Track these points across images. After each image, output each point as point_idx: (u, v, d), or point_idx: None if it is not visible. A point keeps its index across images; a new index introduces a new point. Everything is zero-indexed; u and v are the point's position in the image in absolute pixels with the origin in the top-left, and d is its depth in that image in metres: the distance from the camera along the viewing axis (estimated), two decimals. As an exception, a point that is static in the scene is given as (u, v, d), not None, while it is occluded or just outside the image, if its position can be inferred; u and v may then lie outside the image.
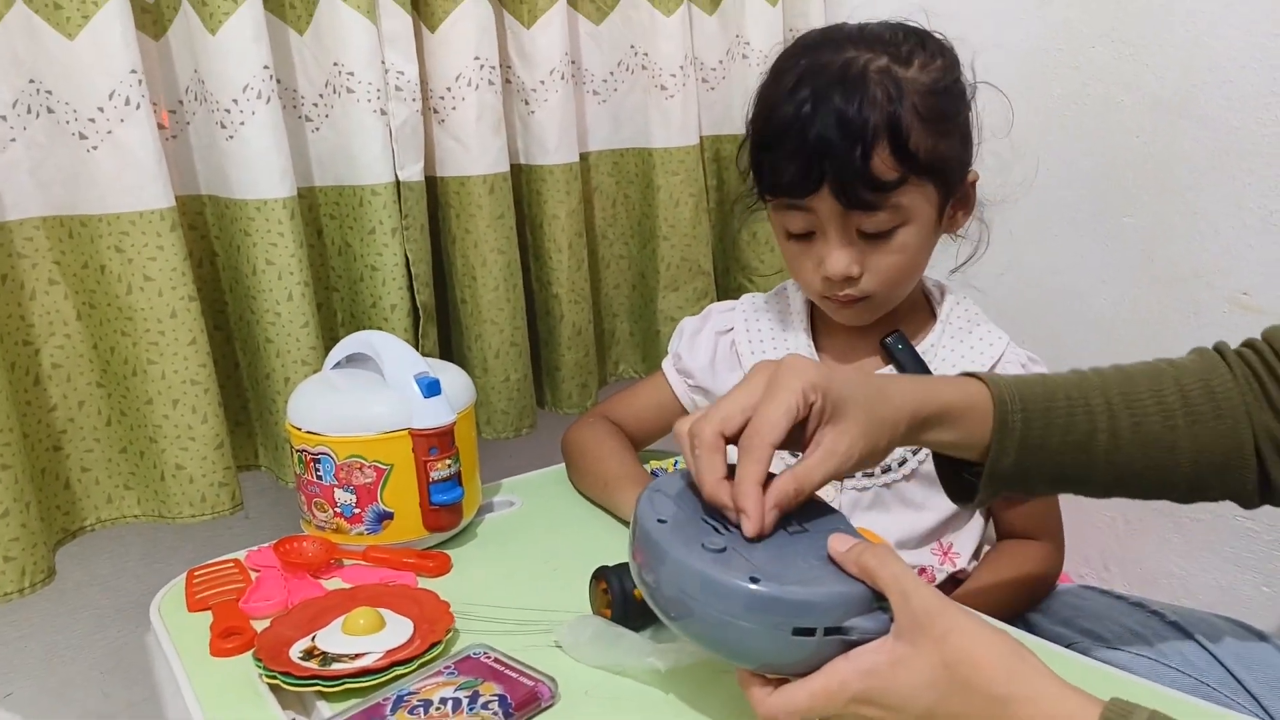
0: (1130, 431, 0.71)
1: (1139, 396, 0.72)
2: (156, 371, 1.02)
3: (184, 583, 0.90)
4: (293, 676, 0.71)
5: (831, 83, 0.89)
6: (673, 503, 0.65)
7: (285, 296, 1.08)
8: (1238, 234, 1.13)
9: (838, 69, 0.89)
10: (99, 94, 0.95)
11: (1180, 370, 0.74)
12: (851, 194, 0.88)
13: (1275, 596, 1.19)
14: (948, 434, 0.70)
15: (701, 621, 0.59)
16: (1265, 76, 1.08)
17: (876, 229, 0.91)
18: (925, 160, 0.89)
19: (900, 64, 0.90)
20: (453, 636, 0.77)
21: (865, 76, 0.89)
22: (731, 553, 0.60)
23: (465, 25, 1.15)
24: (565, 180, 1.27)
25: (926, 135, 0.89)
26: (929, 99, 0.90)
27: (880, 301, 0.96)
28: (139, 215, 0.99)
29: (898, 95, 0.88)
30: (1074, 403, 0.72)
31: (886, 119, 0.87)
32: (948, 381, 0.72)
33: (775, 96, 0.93)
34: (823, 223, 0.92)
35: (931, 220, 0.93)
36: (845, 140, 0.87)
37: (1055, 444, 0.71)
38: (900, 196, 0.89)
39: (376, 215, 1.13)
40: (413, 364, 0.93)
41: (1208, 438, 0.72)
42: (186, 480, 1.05)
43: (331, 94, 1.11)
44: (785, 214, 0.95)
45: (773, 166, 0.93)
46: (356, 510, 0.91)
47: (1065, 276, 1.32)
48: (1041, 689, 0.54)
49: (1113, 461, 0.72)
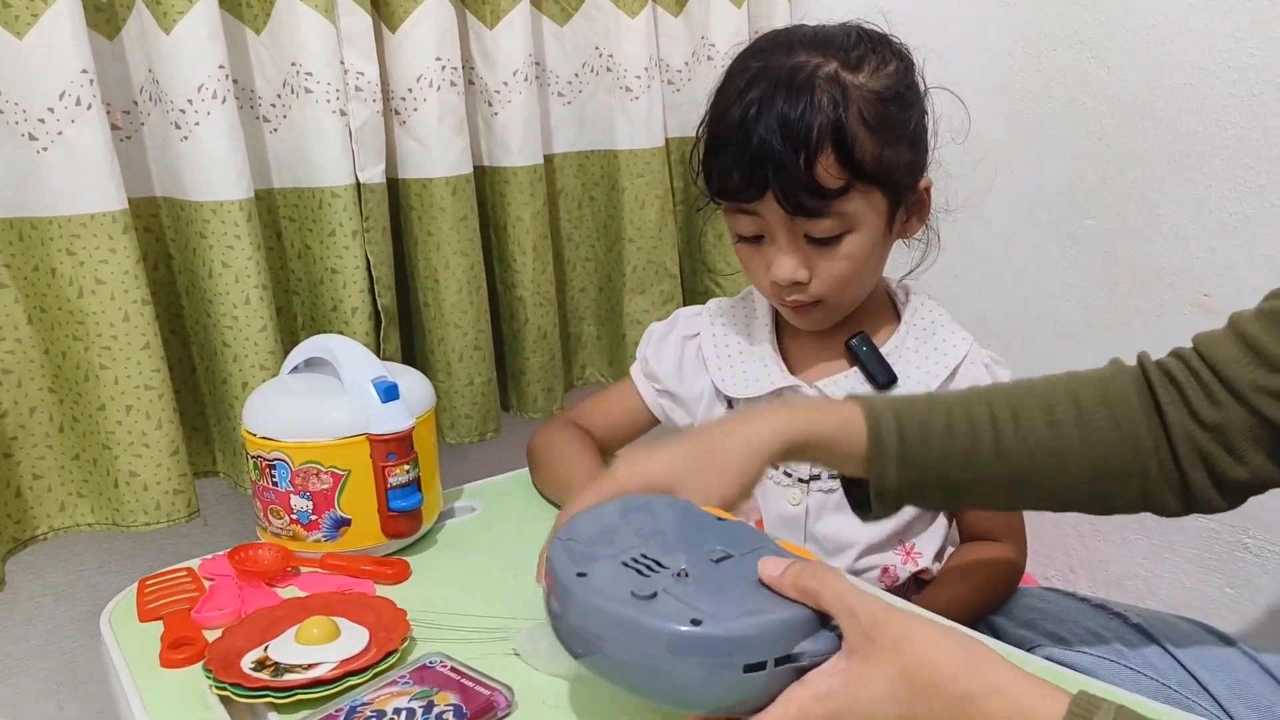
0: (1015, 441, 0.73)
1: (1026, 407, 0.74)
2: (109, 376, 1.00)
3: (135, 592, 0.88)
4: (243, 688, 0.69)
5: (778, 87, 0.88)
6: (584, 552, 0.62)
7: (243, 300, 1.06)
8: (1199, 236, 1.14)
9: (786, 73, 0.89)
10: (49, 94, 0.93)
11: (1079, 381, 0.75)
12: (794, 201, 0.88)
13: (1238, 598, 1.19)
14: (823, 457, 0.74)
15: (645, 673, 0.56)
16: (1225, 80, 1.08)
17: (823, 235, 0.91)
18: (871, 168, 0.89)
19: (850, 69, 0.90)
20: (409, 645, 0.76)
21: (812, 82, 0.88)
22: (664, 596, 0.57)
23: (426, 25, 1.13)
24: (529, 182, 1.26)
25: (873, 143, 0.89)
26: (877, 107, 0.89)
27: (833, 306, 0.96)
28: (90, 217, 0.97)
29: (844, 102, 0.87)
30: (954, 416, 0.74)
31: (831, 126, 0.87)
32: (824, 408, 0.76)
33: (724, 100, 0.92)
34: (770, 227, 0.92)
35: (880, 227, 0.93)
36: (788, 146, 0.86)
37: (935, 457, 0.73)
38: (845, 204, 0.89)
39: (337, 217, 1.11)
40: (370, 368, 0.92)
41: (1103, 446, 0.73)
42: (141, 487, 1.03)
43: (290, 94, 1.09)
44: (735, 218, 0.95)
45: (720, 171, 0.92)
46: (313, 517, 0.90)
47: (1029, 278, 1.32)
48: (1004, 681, 0.54)
49: (999, 473, 0.73)
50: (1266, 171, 1.07)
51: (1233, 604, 1.20)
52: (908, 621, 0.56)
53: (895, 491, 0.74)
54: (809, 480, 0.99)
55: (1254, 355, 0.70)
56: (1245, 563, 1.18)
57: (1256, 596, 1.18)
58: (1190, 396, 0.72)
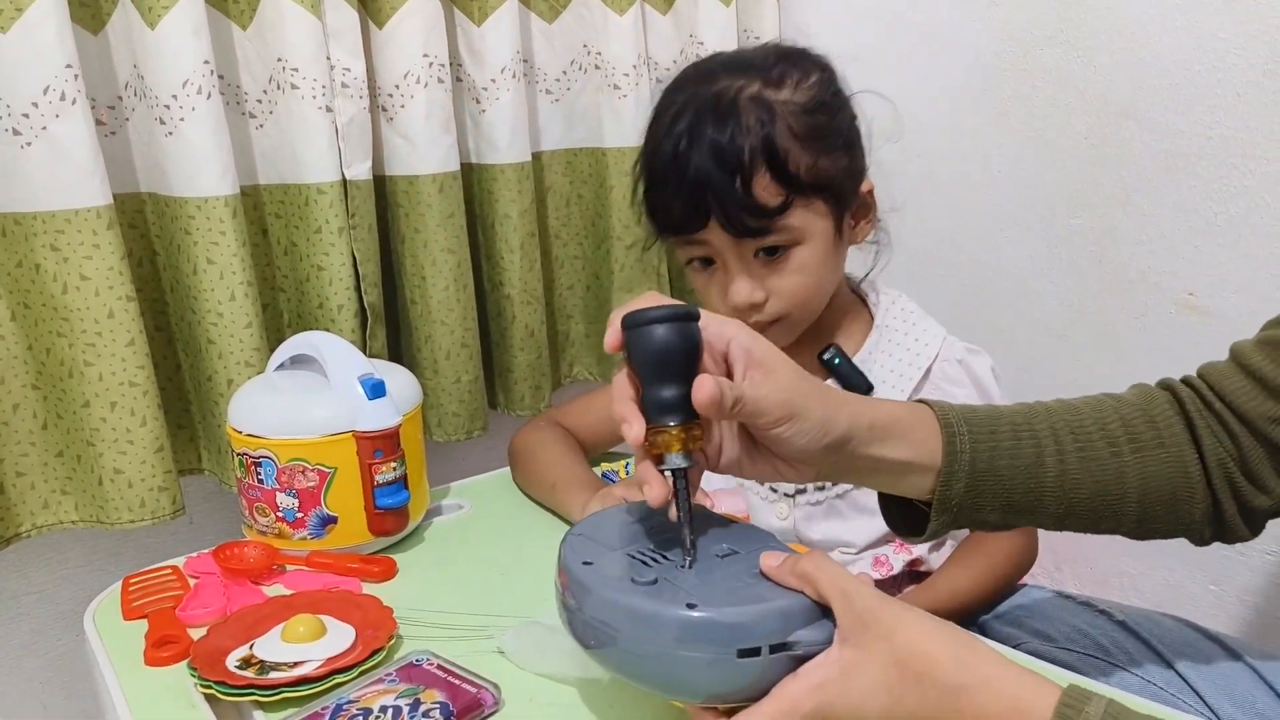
0: (1077, 458, 0.70)
1: (1083, 424, 0.71)
2: (94, 373, 0.99)
3: (120, 591, 0.87)
4: (228, 686, 0.69)
5: (705, 114, 0.89)
6: (595, 543, 0.64)
7: (228, 296, 1.05)
8: (1184, 236, 1.14)
9: (711, 100, 0.90)
10: (33, 89, 0.93)
11: (1120, 402, 0.74)
12: (738, 223, 0.89)
13: (1223, 595, 1.20)
14: (897, 450, 0.67)
15: (642, 660, 0.57)
16: (1210, 80, 1.09)
17: (774, 249, 0.92)
18: (808, 180, 0.90)
19: (772, 87, 0.91)
20: (395, 643, 0.76)
21: (737, 104, 0.89)
22: (663, 583, 0.59)
23: (414, 22, 1.13)
24: (517, 179, 1.25)
25: (806, 154, 0.90)
26: (804, 118, 0.91)
27: (797, 320, 0.96)
28: (75, 213, 0.96)
29: (770, 119, 0.89)
30: (1019, 428, 0.70)
31: (762, 144, 0.88)
32: (892, 401, 0.72)
33: (656, 136, 0.94)
34: (720, 253, 0.93)
35: (829, 235, 0.93)
36: (724, 171, 0.88)
37: (1003, 468, 0.69)
38: (788, 219, 0.90)
39: (322, 214, 1.11)
40: (357, 365, 0.92)
41: (1154, 467, 0.71)
42: (125, 485, 1.02)
43: (276, 90, 1.09)
44: (684, 248, 0.96)
45: (661, 206, 0.94)
46: (299, 514, 0.90)
47: (1015, 277, 1.32)
48: (995, 674, 0.54)
49: (1062, 488, 0.70)
50: (1251, 172, 1.08)
51: (1217, 601, 1.20)
52: (904, 612, 0.56)
53: (958, 505, 0.69)
54: (794, 495, 0.99)
55: (1260, 387, 0.70)
56: (1229, 560, 1.18)
57: (1241, 594, 1.18)
58: (1214, 427, 0.72)
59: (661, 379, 0.60)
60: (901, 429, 0.67)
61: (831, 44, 0.99)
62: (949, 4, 1.32)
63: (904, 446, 0.67)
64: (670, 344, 0.60)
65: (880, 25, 1.42)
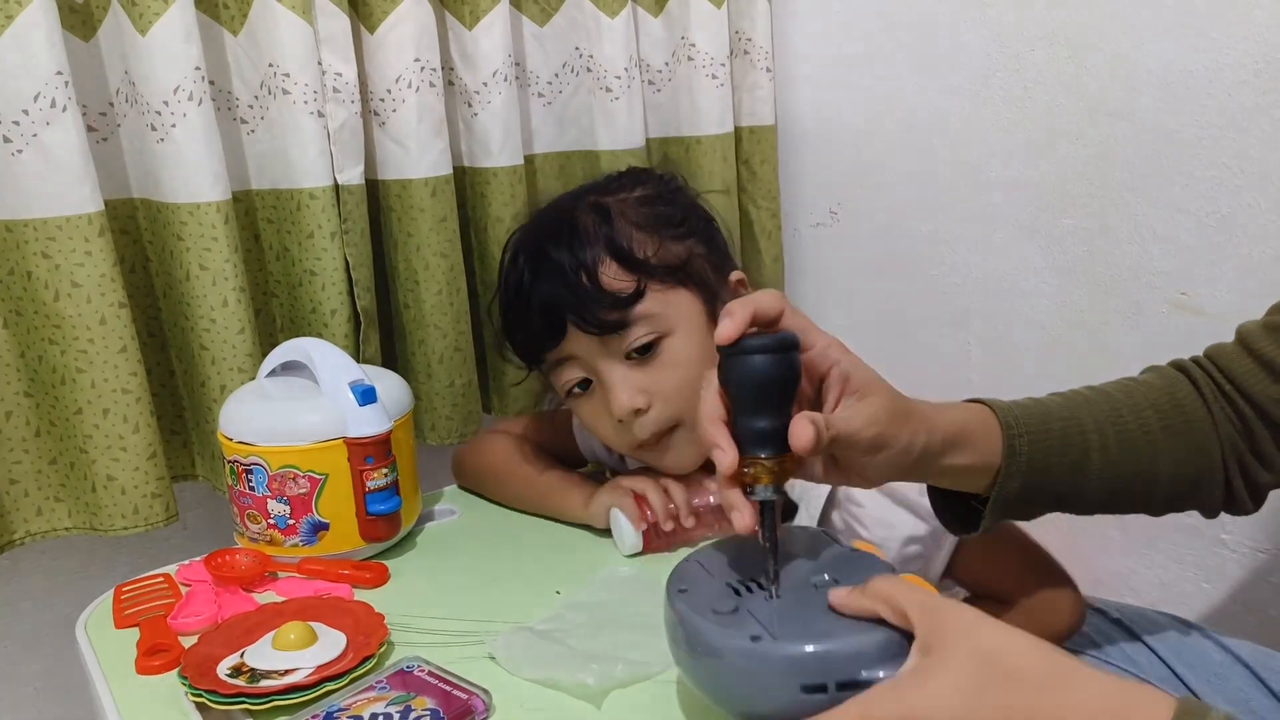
0: (1118, 449, 0.71)
1: (1120, 414, 0.72)
2: (86, 380, 0.99)
3: (112, 599, 0.88)
4: (219, 694, 0.69)
5: (544, 236, 0.91)
6: (702, 570, 0.65)
7: (220, 302, 1.05)
8: (1176, 235, 1.14)
9: (548, 223, 0.93)
10: (23, 97, 0.93)
11: (1148, 387, 0.75)
12: (594, 319, 0.88)
13: (1215, 592, 1.20)
14: (964, 457, 0.68)
15: (717, 687, 0.59)
16: (1202, 80, 1.09)
17: (641, 344, 0.89)
18: (658, 262, 0.89)
19: (606, 194, 0.93)
20: (386, 650, 0.76)
21: (574, 214, 0.91)
22: (743, 613, 0.59)
23: (405, 26, 1.13)
24: (510, 183, 1.25)
25: (650, 240, 0.90)
26: (641, 209, 0.92)
27: (690, 424, 0.90)
28: (66, 220, 0.96)
29: (606, 217, 0.90)
30: (1068, 424, 0.71)
31: (603, 239, 0.89)
32: (955, 406, 0.71)
33: (505, 274, 0.95)
34: (590, 363, 0.91)
35: (700, 326, 0.91)
36: (570, 273, 0.88)
37: (1055, 465, 0.70)
38: (646, 306, 0.88)
39: (315, 219, 1.11)
40: (347, 371, 0.91)
41: (1183, 451, 0.73)
42: (119, 491, 1.02)
43: (267, 95, 1.09)
44: (557, 374, 0.94)
45: (521, 333, 0.94)
46: (291, 521, 0.90)
47: (1008, 278, 1.32)
48: (1096, 676, 0.49)
49: (1104, 479, 0.71)
50: (1243, 171, 1.08)
51: (1209, 599, 1.21)
52: (983, 615, 0.53)
53: (1012, 501, 0.70)
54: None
55: (1266, 371, 0.72)
56: (1222, 558, 1.19)
57: (1234, 592, 1.18)
58: (1225, 408, 0.74)
59: (759, 410, 0.60)
60: (967, 437, 0.68)
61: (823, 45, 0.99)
62: (940, 5, 1.32)
63: (969, 454, 0.68)
64: (771, 376, 0.59)
65: (871, 25, 1.42)
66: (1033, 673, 0.49)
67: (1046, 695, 0.48)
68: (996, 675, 0.49)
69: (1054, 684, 0.49)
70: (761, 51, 1.44)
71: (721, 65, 1.40)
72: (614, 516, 0.92)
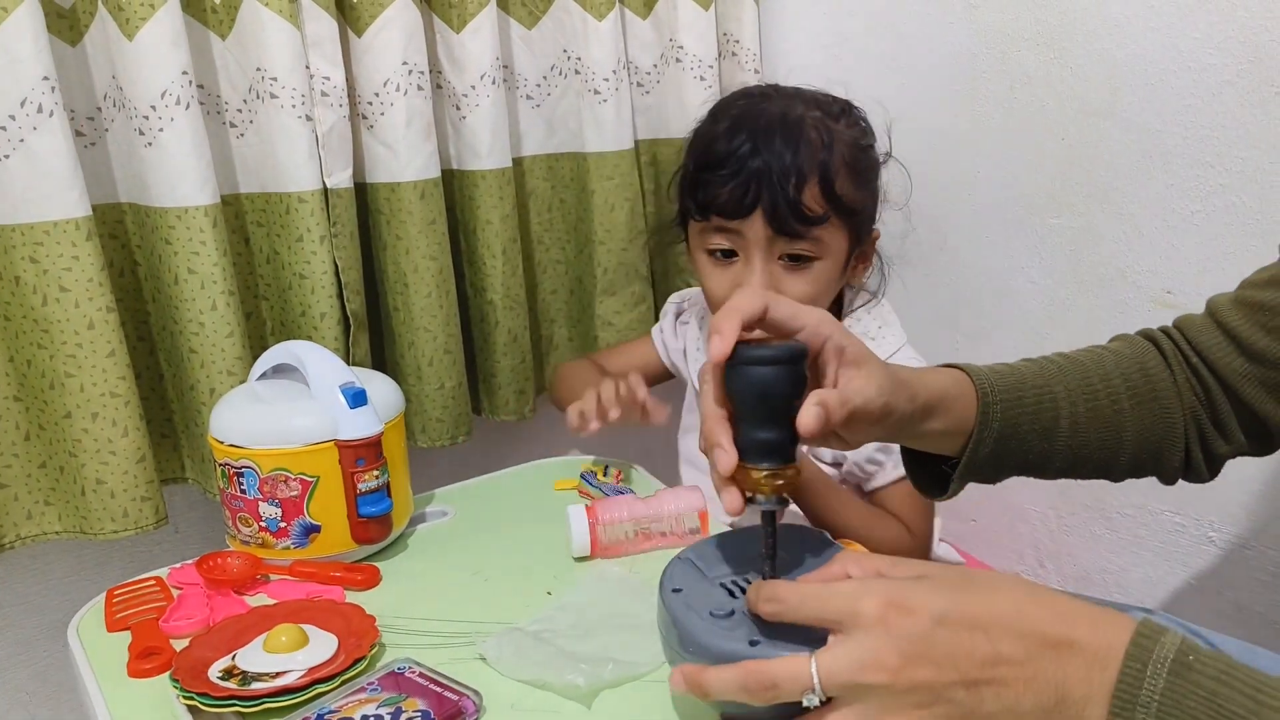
0: (1087, 418, 0.73)
1: (1091, 383, 0.74)
2: (75, 384, 0.99)
3: (104, 602, 0.88)
4: (210, 697, 0.69)
5: (772, 122, 0.98)
6: (696, 569, 0.65)
7: (209, 306, 1.05)
8: (1162, 235, 1.15)
9: (778, 113, 0.99)
10: (10, 102, 0.93)
11: (1118, 356, 0.76)
12: (783, 221, 0.96)
13: (1202, 589, 1.21)
14: (940, 422, 0.69)
15: None
16: (1187, 80, 1.09)
17: (798, 256, 0.99)
18: (846, 204, 0.98)
19: (831, 119, 1.00)
20: (378, 652, 0.76)
21: (803, 122, 0.98)
22: (739, 616, 0.59)
23: (393, 30, 1.13)
24: (498, 185, 1.26)
25: (849, 182, 0.99)
26: (853, 151, 1.00)
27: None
28: (54, 225, 0.96)
29: (830, 142, 0.98)
30: (1040, 392, 0.73)
31: (819, 161, 0.97)
32: (933, 372, 0.71)
33: (714, 132, 1.01)
34: (748, 246, 0.99)
35: (841, 261, 1.02)
36: (783, 172, 0.95)
37: (1026, 432, 0.72)
38: (822, 231, 0.98)
39: (304, 222, 1.11)
40: (338, 374, 0.92)
41: (1148, 420, 0.74)
42: (108, 495, 1.02)
43: (255, 100, 1.09)
44: (710, 235, 1.01)
45: (710, 190, 0.99)
46: (282, 524, 0.90)
47: (995, 277, 1.33)
48: (1067, 598, 0.53)
49: (1070, 446, 0.73)
50: (1228, 170, 1.08)
51: (1198, 596, 1.21)
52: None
53: (982, 465, 0.71)
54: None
55: (1235, 344, 0.74)
56: (1210, 556, 1.19)
57: (1222, 589, 1.19)
58: (1190, 378, 0.75)
59: (762, 421, 0.59)
60: (946, 404, 0.69)
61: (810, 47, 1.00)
62: (927, 6, 1.33)
63: (945, 419, 0.69)
64: (776, 390, 0.59)
65: (858, 27, 1.43)
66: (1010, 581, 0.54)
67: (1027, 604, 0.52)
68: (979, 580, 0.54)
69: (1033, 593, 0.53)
70: (749, 54, 1.45)
71: (709, 67, 1.40)
72: (569, 515, 0.93)
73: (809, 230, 0.97)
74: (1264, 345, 0.72)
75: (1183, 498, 1.20)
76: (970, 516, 1.44)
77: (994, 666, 0.50)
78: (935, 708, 0.51)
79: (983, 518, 1.43)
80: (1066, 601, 0.53)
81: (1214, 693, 0.48)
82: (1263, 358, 0.72)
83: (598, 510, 0.92)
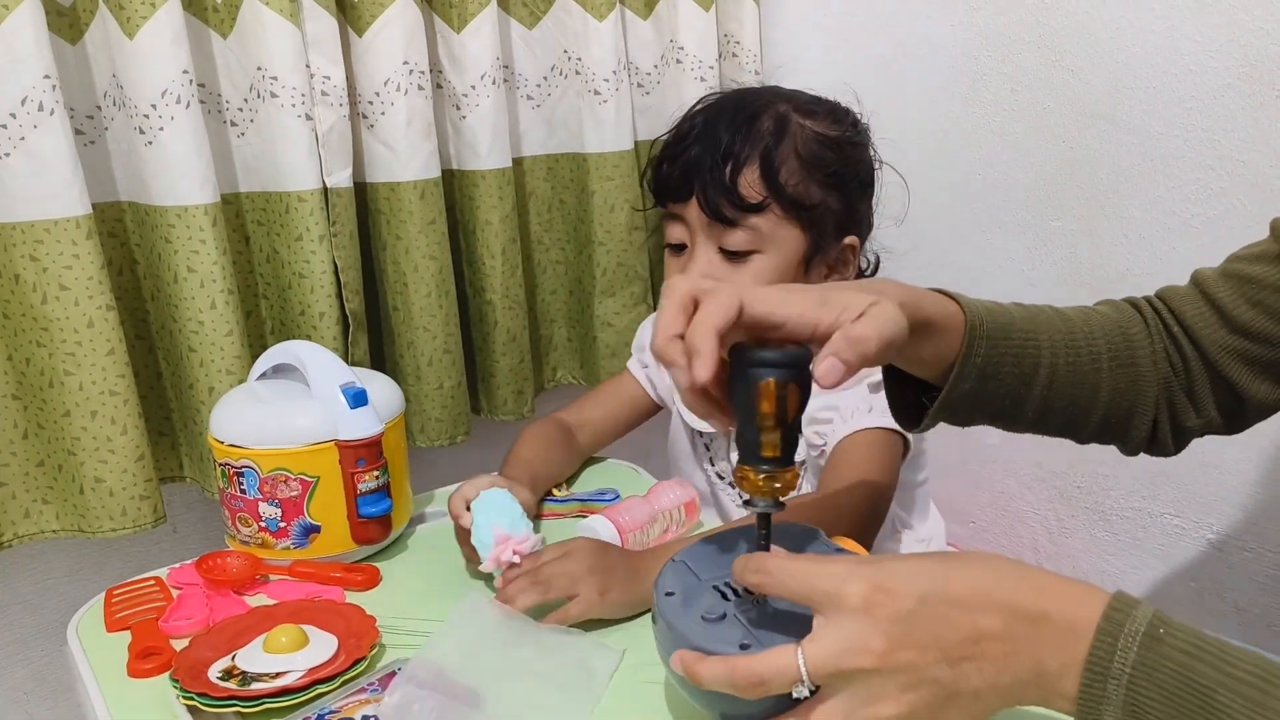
0: (1065, 371, 0.72)
1: (1076, 339, 0.73)
2: (74, 383, 0.99)
3: (103, 602, 0.87)
4: (210, 697, 0.69)
5: (725, 109, 0.97)
6: (689, 572, 0.65)
7: (208, 305, 1.05)
8: (1161, 237, 1.15)
9: (737, 99, 0.98)
10: (10, 100, 0.93)
11: (1104, 318, 0.76)
12: (713, 206, 0.94)
13: (1202, 591, 1.21)
14: (927, 348, 0.67)
15: (707, 694, 0.57)
16: (1187, 83, 1.10)
17: (735, 248, 0.95)
18: (792, 195, 0.94)
19: (801, 114, 0.97)
20: (378, 652, 0.76)
21: (760, 110, 0.96)
22: (730, 619, 0.59)
23: (393, 30, 1.13)
24: (498, 185, 1.25)
25: (800, 174, 0.95)
26: (814, 145, 0.96)
27: None
28: (54, 223, 0.96)
29: (780, 131, 0.95)
30: (1027, 337, 0.71)
31: (763, 146, 0.94)
32: (928, 295, 0.68)
33: (682, 120, 1.01)
34: (692, 235, 0.98)
35: (792, 262, 0.97)
36: (722, 155, 0.94)
37: (1005, 374, 0.70)
38: (759, 220, 0.94)
39: (303, 222, 1.11)
40: (338, 374, 0.91)
41: (1123, 384, 0.74)
42: (106, 493, 1.02)
43: (256, 98, 1.09)
44: (667, 225, 1.01)
45: (660, 173, 0.99)
46: (282, 524, 0.89)
47: (995, 278, 1.33)
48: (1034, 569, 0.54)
49: (1044, 398, 0.72)
50: (1228, 173, 1.09)
51: (1198, 598, 1.21)
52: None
53: (959, 402, 0.69)
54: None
55: (1219, 316, 0.73)
56: (1210, 559, 1.20)
57: (1222, 592, 1.19)
58: (1168, 347, 0.75)
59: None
60: (935, 329, 0.67)
61: (810, 48, 1.00)
62: (928, 8, 1.33)
63: (932, 345, 0.67)
64: (779, 394, 0.57)
65: (859, 29, 1.43)
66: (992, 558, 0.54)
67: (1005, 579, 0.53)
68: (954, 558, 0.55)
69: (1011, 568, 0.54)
70: (749, 54, 1.45)
71: (710, 68, 1.40)
72: (596, 530, 0.90)
73: (743, 217, 0.94)
74: (1248, 318, 0.72)
75: (1182, 500, 1.20)
76: (970, 518, 1.45)
77: (975, 643, 0.51)
78: (921, 689, 0.52)
79: (983, 519, 1.43)
80: (1042, 575, 0.54)
81: (1184, 665, 0.49)
82: (1246, 330, 0.72)
83: (618, 520, 0.91)
